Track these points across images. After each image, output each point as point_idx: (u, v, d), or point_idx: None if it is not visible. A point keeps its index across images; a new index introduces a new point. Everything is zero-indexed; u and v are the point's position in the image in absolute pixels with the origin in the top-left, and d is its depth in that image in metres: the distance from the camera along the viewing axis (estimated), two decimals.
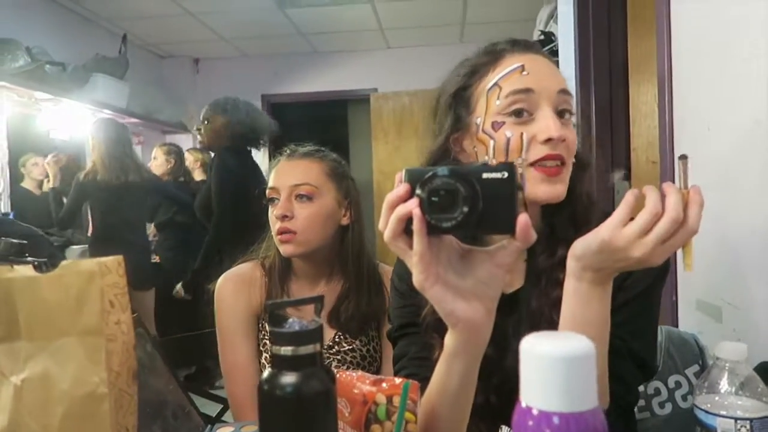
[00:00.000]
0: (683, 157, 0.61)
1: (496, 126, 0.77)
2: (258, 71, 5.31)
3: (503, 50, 0.82)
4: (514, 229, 0.53)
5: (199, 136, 2.87)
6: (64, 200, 3.28)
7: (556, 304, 0.72)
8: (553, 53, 2.75)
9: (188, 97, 5.11)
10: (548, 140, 0.75)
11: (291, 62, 5.26)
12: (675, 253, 1.46)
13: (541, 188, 0.76)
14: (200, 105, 5.29)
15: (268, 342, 1.21)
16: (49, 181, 3.64)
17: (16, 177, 3.53)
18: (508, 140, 0.76)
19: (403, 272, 0.93)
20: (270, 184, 1.22)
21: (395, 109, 5.06)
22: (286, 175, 1.21)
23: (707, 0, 1.27)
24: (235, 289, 1.24)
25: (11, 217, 3.06)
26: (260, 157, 3.54)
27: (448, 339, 0.61)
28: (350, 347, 1.21)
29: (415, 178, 0.55)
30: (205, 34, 4.61)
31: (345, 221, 1.23)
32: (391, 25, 4.62)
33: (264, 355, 1.22)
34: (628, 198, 0.62)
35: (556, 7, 2.83)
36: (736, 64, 1.15)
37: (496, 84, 0.78)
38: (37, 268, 0.49)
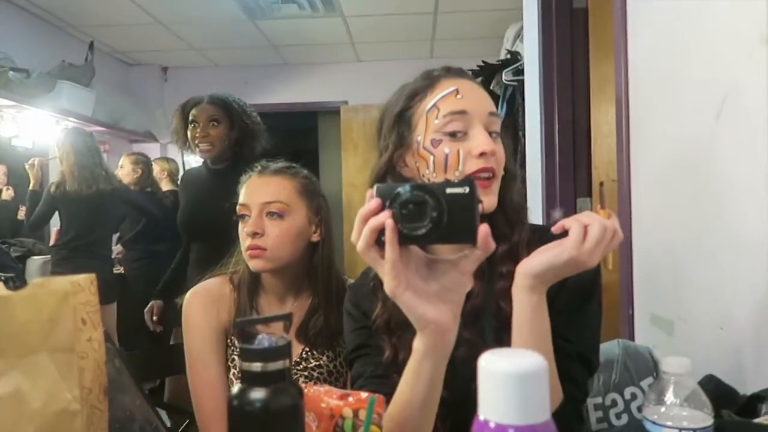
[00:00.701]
0: (601, 184, 0.70)
1: (435, 143, 0.85)
2: (228, 81, 5.28)
3: (438, 76, 0.91)
4: (475, 239, 0.60)
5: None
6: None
7: (501, 295, 0.81)
8: (519, 72, 2.83)
9: (156, 105, 5.06)
10: (482, 154, 0.83)
11: (261, 73, 5.26)
12: (632, 271, 1.52)
13: None
14: (168, 114, 5.26)
15: (236, 358, 1.22)
16: (8, 188, 3.58)
17: None
18: (446, 156, 0.84)
19: (356, 297, 0.99)
20: (241, 200, 1.22)
21: (365, 121, 5.10)
22: (258, 192, 1.21)
23: (661, 25, 1.34)
24: (204, 305, 1.23)
25: None
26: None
27: (417, 342, 0.66)
28: (317, 363, 1.22)
29: (385, 193, 0.61)
30: (174, 42, 4.58)
31: (315, 238, 1.24)
32: (361, 39, 4.67)
33: (232, 370, 1.22)
34: (581, 219, 0.73)
35: (522, 27, 2.91)
36: (689, 85, 1.21)
37: (434, 105, 0.87)
38: (5, 284, 0.50)
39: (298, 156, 1.36)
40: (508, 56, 3.01)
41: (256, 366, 0.54)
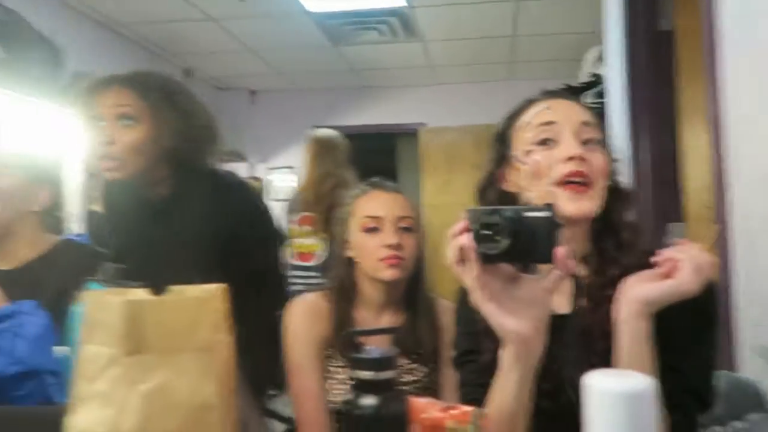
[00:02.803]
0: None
1: (529, 154, 0.90)
2: (310, 104, 5.51)
3: (536, 98, 0.96)
4: (551, 259, 0.66)
5: None
6: None
7: (605, 319, 0.82)
8: (600, 95, 2.79)
9: (244, 127, 5.35)
10: (570, 159, 0.85)
11: (342, 96, 5.44)
12: (729, 300, 1.46)
13: (569, 205, 0.85)
14: (256, 135, 5.52)
15: (332, 368, 1.27)
16: None
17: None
18: (536, 163, 0.88)
19: (466, 300, 0.99)
20: (370, 213, 1.27)
21: (444, 143, 5.15)
22: (390, 206, 1.27)
23: (759, 44, 1.30)
24: (304, 317, 1.30)
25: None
26: None
27: (503, 352, 0.73)
28: (412, 378, 1.26)
29: (471, 217, 0.69)
30: (261, 68, 4.84)
31: (418, 253, 1.30)
32: (440, 62, 4.74)
33: (329, 380, 1.28)
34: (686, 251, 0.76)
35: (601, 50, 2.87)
36: None
37: (526, 122, 0.93)
38: (153, 290, 0.57)
39: (377, 177, 1.40)
40: (593, 78, 2.97)
41: (368, 374, 0.59)
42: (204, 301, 0.54)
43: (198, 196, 1.43)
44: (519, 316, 0.70)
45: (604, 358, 0.82)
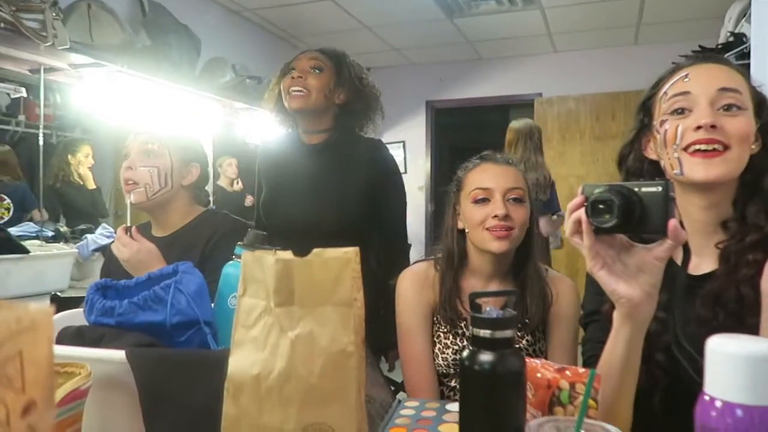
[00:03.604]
0: None
1: (663, 123, 0.93)
2: (423, 78, 5.54)
3: (680, 65, 0.96)
4: (665, 231, 0.71)
5: None
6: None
7: (744, 281, 0.85)
8: (744, 56, 2.55)
9: None
10: (698, 127, 0.86)
11: (456, 69, 5.41)
12: None
13: (696, 170, 0.87)
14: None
15: (441, 334, 1.33)
16: (239, 181, 4.18)
17: (213, 175, 4.09)
18: (666, 132, 0.91)
19: None
20: (480, 185, 1.30)
21: (560, 114, 4.97)
22: (499, 178, 1.29)
23: None
24: (413, 285, 1.37)
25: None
26: None
27: (615, 313, 0.78)
28: (518, 346, 1.29)
29: (587, 191, 0.75)
30: (377, 44, 4.93)
31: (527, 225, 1.31)
32: (560, 30, 4.56)
33: (437, 345, 1.34)
34: None
35: (749, 4, 2.61)
36: None
37: (664, 92, 0.95)
38: (295, 254, 0.65)
39: (488, 149, 1.41)
40: (731, 38, 2.73)
41: (486, 333, 0.63)
42: (344, 262, 0.60)
43: (350, 148, 1.77)
44: (630, 283, 0.74)
45: (732, 322, 0.83)
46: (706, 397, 0.49)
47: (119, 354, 0.79)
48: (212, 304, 1.01)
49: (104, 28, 2.71)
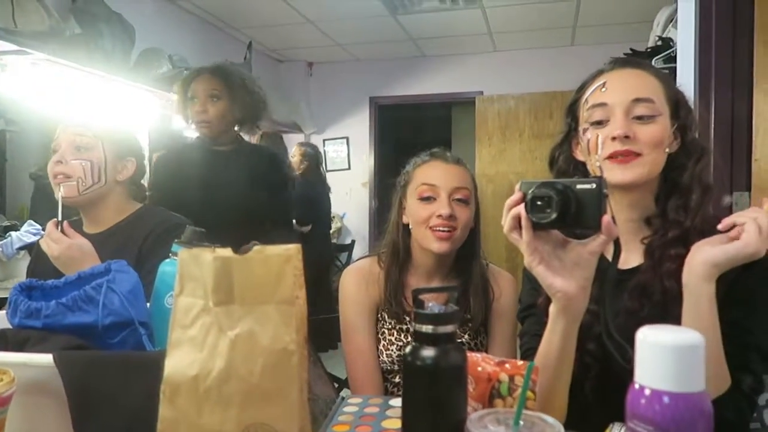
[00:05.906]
0: None
1: (585, 132, 0.99)
2: (367, 74, 5.54)
3: (602, 70, 1.02)
4: (599, 227, 0.74)
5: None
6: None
7: (668, 275, 0.90)
8: (671, 59, 2.68)
9: (301, 98, 5.43)
10: (614, 138, 0.92)
11: (399, 66, 5.43)
12: None
13: (614, 174, 0.93)
14: (312, 106, 5.60)
15: (386, 330, 1.34)
16: None
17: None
18: (588, 141, 0.97)
19: None
20: (426, 181, 1.29)
21: (500, 112, 5.08)
22: (447, 177, 1.29)
23: None
24: (357, 282, 1.36)
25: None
26: None
27: (551, 307, 0.81)
28: (460, 341, 1.31)
29: (525, 188, 0.78)
30: (320, 39, 4.89)
31: (471, 225, 1.33)
32: (500, 29, 4.65)
33: (381, 342, 1.35)
34: (749, 214, 0.80)
35: (676, 10, 2.74)
36: None
37: (585, 99, 1.01)
38: (235, 252, 0.63)
39: (431, 146, 1.42)
40: (659, 43, 2.85)
41: (428, 328, 0.63)
42: (285, 259, 0.59)
43: (249, 149, 2.29)
44: (566, 277, 0.78)
45: (657, 313, 0.88)
46: (636, 386, 0.51)
47: (46, 357, 0.75)
48: (148, 304, 0.97)
49: (29, 14, 2.56)
